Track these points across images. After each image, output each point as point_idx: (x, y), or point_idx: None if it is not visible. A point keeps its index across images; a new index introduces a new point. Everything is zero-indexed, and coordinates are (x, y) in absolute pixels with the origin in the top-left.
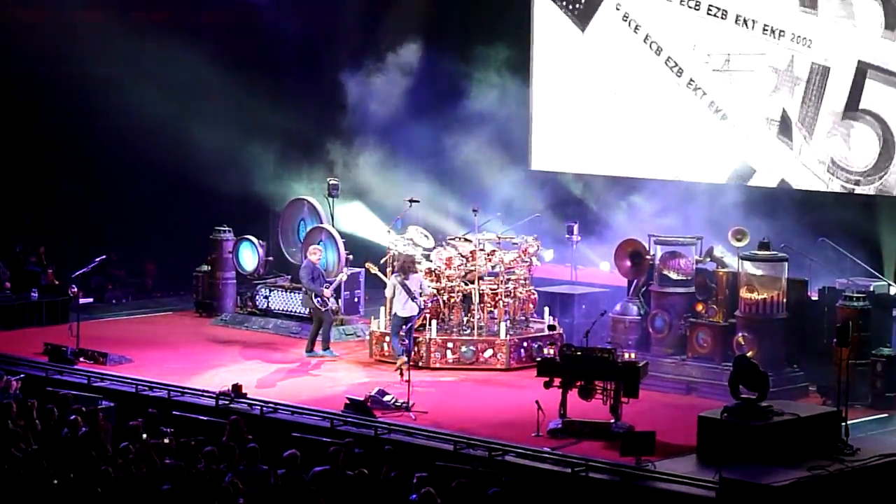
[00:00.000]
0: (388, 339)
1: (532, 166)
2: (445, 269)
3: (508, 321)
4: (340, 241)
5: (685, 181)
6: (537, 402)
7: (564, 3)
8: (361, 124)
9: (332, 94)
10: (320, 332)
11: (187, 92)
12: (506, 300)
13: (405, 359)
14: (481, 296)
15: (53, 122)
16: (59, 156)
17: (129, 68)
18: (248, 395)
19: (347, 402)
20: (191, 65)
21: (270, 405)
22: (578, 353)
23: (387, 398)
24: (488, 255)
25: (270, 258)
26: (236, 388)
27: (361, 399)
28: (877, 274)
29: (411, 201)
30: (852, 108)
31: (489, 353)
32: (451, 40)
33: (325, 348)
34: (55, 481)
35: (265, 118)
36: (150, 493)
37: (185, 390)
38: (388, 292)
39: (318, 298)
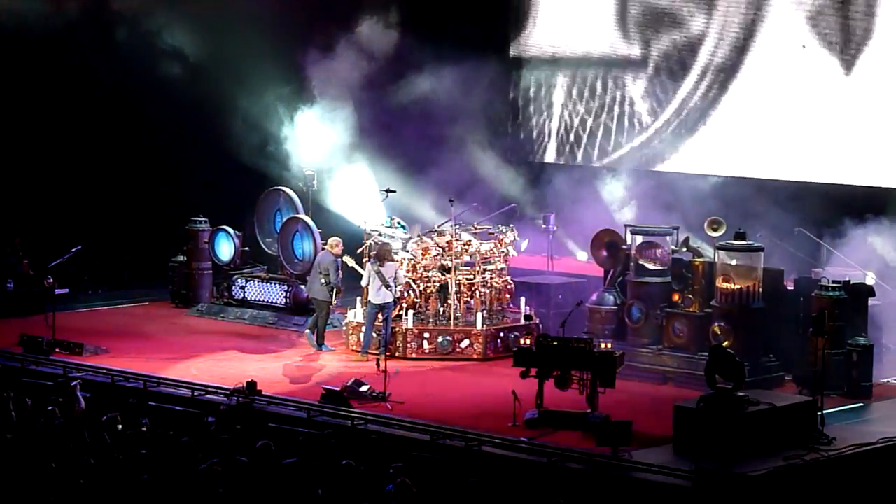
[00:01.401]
0: (364, 329)
1: (509, 155)
2: (422, 258)
3: (485, 311)
4: (317, 232)
5: (663, 171)
6: (514, 392)
7: None
8: (330, 106)
9: (300, 75)
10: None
11: (162, 80)
12: (482, 290)
13: (379, 353)
14: (458, 286)
15: (29, 112)
16: (33, 146)
17: (101, 56)
18: (223, 388)
19: (323, 392)
20: (163, 52)
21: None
22: (555, 343)
23: (363, 388)
24: (464, 244)
25: (247, 248)
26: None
27: (338, 389)
28: (852, 264)
29: (387, 191)
30: None
31: (466, 342)
32: (425, 20)
33: (321, 343)
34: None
35: (237, 103)
36: (129, 483)
37: (162, 381)
38: (363, 281)
39: (332, 294)
